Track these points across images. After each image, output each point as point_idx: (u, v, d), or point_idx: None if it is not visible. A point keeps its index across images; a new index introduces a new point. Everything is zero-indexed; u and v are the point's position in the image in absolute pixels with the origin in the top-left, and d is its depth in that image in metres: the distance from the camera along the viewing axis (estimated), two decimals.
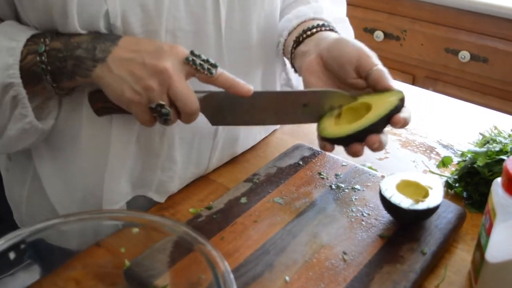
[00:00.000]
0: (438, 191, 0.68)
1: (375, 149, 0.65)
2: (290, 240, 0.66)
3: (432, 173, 0.83)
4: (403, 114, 0.65)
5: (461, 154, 0.84)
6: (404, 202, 0.66)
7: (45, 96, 0.66)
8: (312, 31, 0.75)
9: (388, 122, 0.65)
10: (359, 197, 0.74)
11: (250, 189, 0.76)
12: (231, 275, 0.52)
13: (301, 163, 0.81)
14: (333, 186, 0.76)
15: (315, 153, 0.84)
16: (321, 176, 0.78)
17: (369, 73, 0.67)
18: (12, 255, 0.57)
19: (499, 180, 0.57)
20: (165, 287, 0.58)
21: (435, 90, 1.55)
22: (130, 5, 0.62)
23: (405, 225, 0.68)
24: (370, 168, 0.81)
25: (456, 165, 0.83)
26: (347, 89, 0.70)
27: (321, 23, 0.76)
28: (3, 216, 0.86)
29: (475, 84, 1.72)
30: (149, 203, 0.77)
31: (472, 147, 0.81)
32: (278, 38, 0.80)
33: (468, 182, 0.77)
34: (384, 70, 0.67)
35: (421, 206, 0.66)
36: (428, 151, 0.90)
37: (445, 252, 0.68)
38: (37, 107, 0.66)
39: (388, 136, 0.92)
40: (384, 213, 0.70)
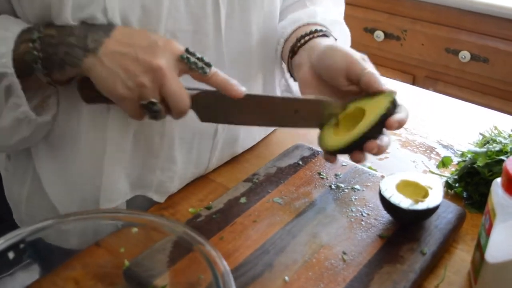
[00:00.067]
0: (438, 191, 0.68)
1: (375, 154, 0.64)
2: (290, 240, 0.66)
3: (432, 173, 0.83)
4: (398, 116, 0.63)
5: (461, 154, 0.84)
6: (404, 202, 0.66)
7: (44, 93, 0.66)
8: (305, 39, 0.74)
9: (383, 126, 0.63)
10: (359, 197, 0.74)
11: (250, 189, 0.76)
12: (231, 275, 0.52)
13: (301, 163, 0.81)
14: (333, 186, 0.76)
15: (315, 153, 0.84)
16: (321, 176, 0.78)
17: (360, 78, 0.66)
18: (12, 255, 0.57)
19: (499, 181, 0.57)
20: (165, 287, 0.58)
21: (436, 90, 1.55)
22: (130, 4, 0.62)
23: (405, 225, 0.68)
24: (370, 168, 0.81)
25: (456, 165, 0.83)
26: (343, 97, 0.69)
27: (314, 29, 0.75)
28: (3, 216, 0.86)
29: (476, 84, 1.72)
30: (149, 203, 0.77)
31: (472, 147, 0.81)
32: (276, 46, 0.80)
33: (468, 182, 0.77)
34: (374, 73, 0.65)
35: (421, 206, 0.66)
36: (428, 151, 0.90)
37: (445, 252, 0.68)
38: (37, 106, 0.65)
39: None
40: (384, 213, 0.70)
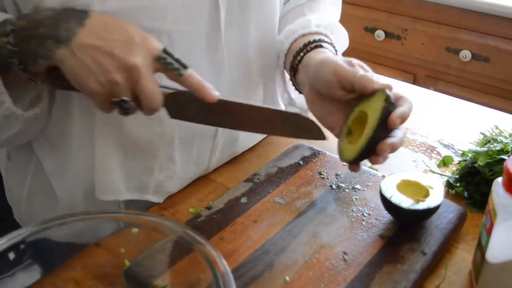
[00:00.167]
0: (439, 191, 0.68)
1: (391, 152, 0.63)
2: (290, 240, 0.66)
3: (433, 173, 0.83)
4: (398, 111, 0.62)
5: (462, 154, 0.84)
6: (405, 202, 0.66)
7: (35, 89, 0.65)
8: (301, 55, 0.74)
9: (387, 126, 0.62)
10: (360, 197, 0.74)
11: (250, 189, 0.75)
12: (231, 275, 0.51)
13: (302, 163, 0.81)
14: (334, 186, 0.76)
15: (316, 153, 0.84)
16: (322, 176, 0.78)
17: (353, 85, 0.65)
18: (12, 255, 0.57)
19: (500, 180, 0.57)
20: (165, 287, 0.58)
21: (436, 90, 1.55)
22: (126, 3, 0.61)
23: (406, 225, 0.68)
24: (371, 168, 0.81)
25: (457, 165, 0.83)
26: (349, 107, 0.68)
27: (307, 41, 0.75)
28: (3, 216, 0.86)
29: (476, 84, 1.71)
30: (149, 203, 0.77)
31: (473, 147, 0.81)
32: (277, 59, 0.80)
33: (469, 182, 0.77)
34: (365, 75, 0.64)
35: (422, 206, 0.65)
36: (429, 151, 0.90)
37: (446, 252, 0.68)
38: (32, 101, 0.65)
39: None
40: (385, 213, 0.70)
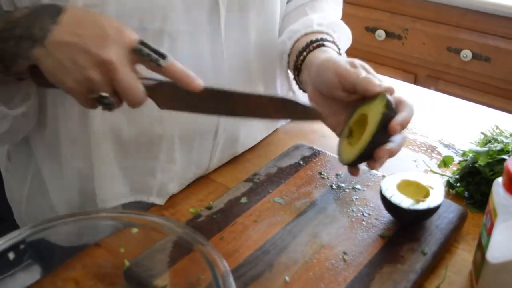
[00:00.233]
0: (439, 191, 0.68)
1: (388, 158, 0.63)
2: (290, 240, 0.66)
3: (433, 173, 0.83)
4: (399, 118, 0.62)
5: (463, 154, 0.84)
6: (405, 202, 0.66)
7: (24, 87, 0.65)
8: (304, 55, 0.74)
9: (386, 131, 0.62)
10: (360, 197, 0.73)
11: (251, 189, 0.75)
12: (231, 275, 0.51)
13: (302, 163, 0.81)
14: (334, 186, 0.76)
15: (316, 153, 0.83)
16: (322, 176, 0.78)
17: (355, 87, 0.65)
18: (12, 255, 0.57)
19: (500, 180, 0.57)
20: (165, 287, 0.58)
21: (437, 89, 1.55)
22: (126, 6, 0.61)
23: (406, 225, 0.68)
24: None
25: (458, 165, 0.83)
26: (351, 108, 0.68)
27: (310, 40, 0.75)
28: (3, 216, 0.86)
29: (477, 83, 1.71)
30: (149, 203, 0.77)
31: (474, 147, 0.81)
32: (281, 61, 0.80)
33: (469, 182, 0.76)
34: (367, 77, 0.64)
35: (422, 206, 0.65)
36: (429, 151, 0.90)
37: (446, 252, 0.67)
38: (21, 100, 0.65)
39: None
40: (385, 213, 0.70)
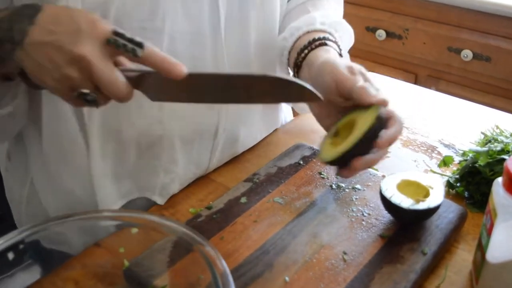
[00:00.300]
0: (439, 191, 0.68)
1: (360, 171, 0.64)
2: (290, 240, 0.66)
3: (433, 173, 0.83)
4: (387, 134, 0.61)
5: (463, 154, 0.84)
6: (405, 202, 0.65)
7: (12, 89, 0.65)
8: (305, 52, 0.73)
9: (370, 143, 0.61)
10: (360, 197, 0.73)
11: (250, 189, 0.75)
12: (230, 276, 0.51)
13: (302, 163, 0.81)
14: (334, 186, 0.76)
15: (316, 153, 0.83)
16: (322, 176, 0.78)
17: (350, 94, 0.64)
18: (11, 255, 0.57)
19: (500, 180, 0.57)
20: (164, 287, 0.58)
21: (438, 89, 1.55)
22: (126, 6, 0.62)
23: (406, 225, 0.68)
24: (371, 168, 0.81)
25: (458, 165, 0.83)
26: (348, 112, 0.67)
27: (312, 38, 0.74)
28: (3, 216, 0.86)
29: (478, 83, 1.71)
30: (149, 203, 0.77)
31: (474, 147, 0.81)
32: (281, 58, 0.80)
33: (470, 182, 0.76)
34: (363, 86, 0.63)
35: (422, 206, 0.65)
36: (430, 151, 0.89)
37: (446, 252, 0.67)
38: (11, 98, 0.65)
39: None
40: (385, 213, 0.70)
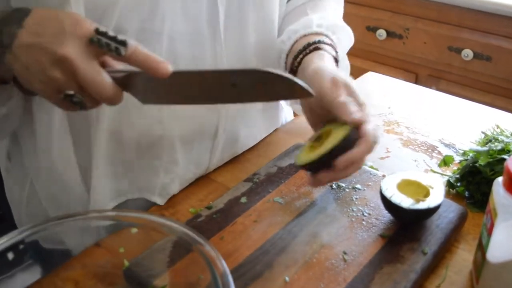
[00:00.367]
0: (439, 191, 0.68)
1: (324, 184, 0.66)
2: (290, 240, 0.66)
3: (434, 172, 0.83)
4: (347, 156, 0.62)
5: (463, 153, 0.84)
6: (405, 202, 0.65)
7: (7, 91, 0.65)
8: (300, 57, 0.74)
9: (330, 161, 0.62)
10: (360, 197, 0.73)
11: (250, 189, 0.75)
12: (230, 276, 0.51)
13: None
14: (334, 186, 0.76)
15: None
16: None
17: (330, 108, 0.65)
18: (11, 255, 0.57)
19: (500, 180, 0.57)
20: (164, 287, 0.58)
21: (438, 89, 1.54)
22: (126, 3, 0.62)
23: (406, 225, 0.68)
24: (371, 167, 0.81)
25: (458, 164, 0.83)
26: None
27: (307, 43, 0.75)
28: (3, 216, 0.86)
29: (478, 83, 1.71)
30: (149, 203, 0.77)
31: (474, 146, 0.81)
32: (279, 61, 0.80)
33: (470, 182, 0.76)
34: (342, 102, 0.64)
35: (422, 206, 0.65)
36: (430, 150, 0.89)
37: (446, 252, 0.67)
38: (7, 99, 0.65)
39: (390, 136, 0.92)
40: (385, 213, 0.70)
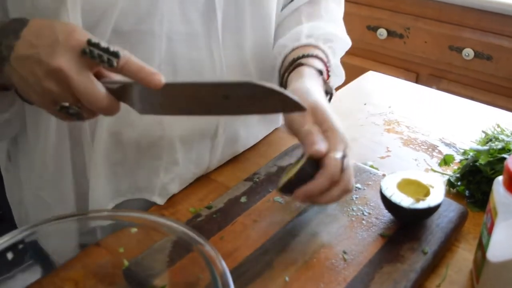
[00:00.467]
0: (439, 190, 0.67)
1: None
2: (290, 240, 0.66)
3: (434, 172, 0.82)
4: (305, 189, 0.62)
5: (463, 153, 0.84)
6: (405, 201, 0.65)
7: (9, 97, 0.65)
8: (285, 76, 0.74)
9: (295, 187, 0.62)
10: (360, 196, 0.73)
11: (250, 188, 0.75)
12: (229, 276, 0.51)
13: None
14: None
15: None
16: None
17: (297, 136, 0.64)
18: (11, 255, 0.57)
19: (501, 179, 0.57)
20: (164, 287, 0.58)
21: (439, 88, 1.54)
22: (125, 8, 0.62)
23: (406, 224, 0.68)
24: (371, 167, 0.80)
25: (458, 164, 0.82)
26: None
27: (292, 59, 0.75)
28: (3, 216, 0.86)
29: (479, 82, 1.71)
30: (149, 203, 0.77)
31: (475, 145, 0.80)
32: (274, 73, 0.80)
33: (470, 181, 0.76)
34: (307, 131, 0.63)
35: (422, 205, 0.65)
36: (430, 149, 0.89)
37: (447, 251, 0.67)
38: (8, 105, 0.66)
39: (390, 135, 0.92)
40: (385, 212, 0.69)
